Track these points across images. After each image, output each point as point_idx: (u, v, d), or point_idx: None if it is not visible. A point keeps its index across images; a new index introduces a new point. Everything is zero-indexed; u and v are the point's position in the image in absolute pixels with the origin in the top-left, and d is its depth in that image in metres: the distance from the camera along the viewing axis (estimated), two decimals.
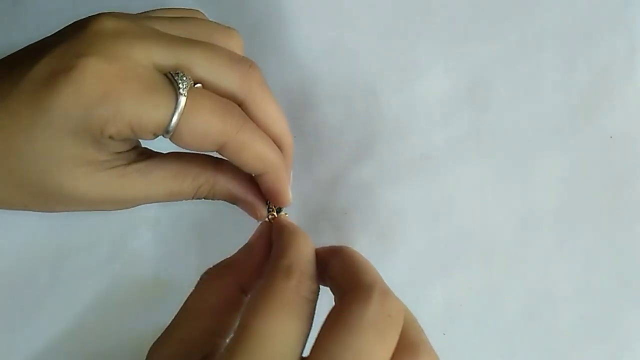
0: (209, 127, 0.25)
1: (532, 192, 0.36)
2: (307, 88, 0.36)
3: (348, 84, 0.36)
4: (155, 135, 0.25)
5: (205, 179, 0.29)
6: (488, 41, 0.37)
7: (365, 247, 0.35)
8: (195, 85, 0.26)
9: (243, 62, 0.27)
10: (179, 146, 0.26)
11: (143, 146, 0.29)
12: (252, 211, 0.30)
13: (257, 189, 0.30)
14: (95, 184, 0.26)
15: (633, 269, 0.35)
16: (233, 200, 0.30)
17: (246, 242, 0.29)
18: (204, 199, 0.30)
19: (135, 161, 0.27)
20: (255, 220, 0.31)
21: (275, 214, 0.30)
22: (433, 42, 0.37)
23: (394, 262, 0.35)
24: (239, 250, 0.28)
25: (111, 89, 0.24)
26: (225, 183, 0.29)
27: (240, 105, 0.27)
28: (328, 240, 0.35)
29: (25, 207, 0.27)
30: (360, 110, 0.36)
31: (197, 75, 0.26)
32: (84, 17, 0.27)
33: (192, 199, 0.29)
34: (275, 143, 0.29)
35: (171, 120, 0.24)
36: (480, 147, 0.36)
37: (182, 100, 0.24)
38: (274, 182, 0.29)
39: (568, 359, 0.35)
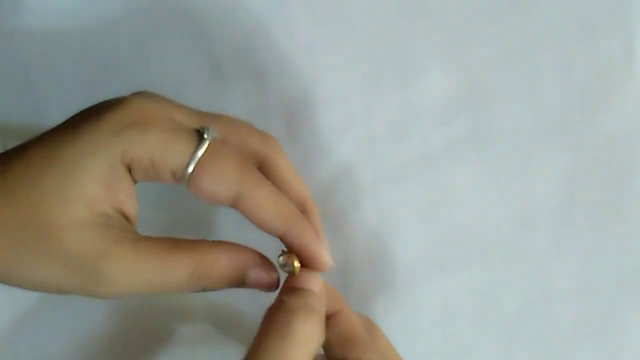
0: (227, 172, 0.26)
1: (530, 192, 0.36)
2: (306, 88, 0.36)
3: (347, 84, 0.36)
4: (174, 176, 0.26)
5: (206, 248, 0.26)
6: (486, 41, 0.37)
7: (364, 247, 0.35)
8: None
9: (265, 132, 0.29)
10: (194, 194, 0.26)
11: None
12: (265, 278, 0.27)
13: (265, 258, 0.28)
14: (88, 237, 0.25)
15: (631, 268, 0.35)
16: (242, 272, 0.26)
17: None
18: (204, 287, 0.26)
19: (131, 232, 0.26)
20: None
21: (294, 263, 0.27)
22: (432, 42, 0.37)
23: (393, 262, 0.35)
24: None
25: (145, 119, 0.25)
26: (227, 251, 0.26)
27: (261, 164, 0.28)
28: (328, 240, 0.35)
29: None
30: (360, 110, 0.36)
31: (221, 134, 0.27)
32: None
33: (190, 287, 0.26)
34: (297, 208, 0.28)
35: (193, 156, 0.25)
36: (479, 147, 0.36)
37: (206, 143, 0.25)
38: (302, 237, 0.27)
39: (566, 358, 0.35)
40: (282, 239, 0.27)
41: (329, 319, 0.27)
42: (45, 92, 0.35)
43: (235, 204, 0.26)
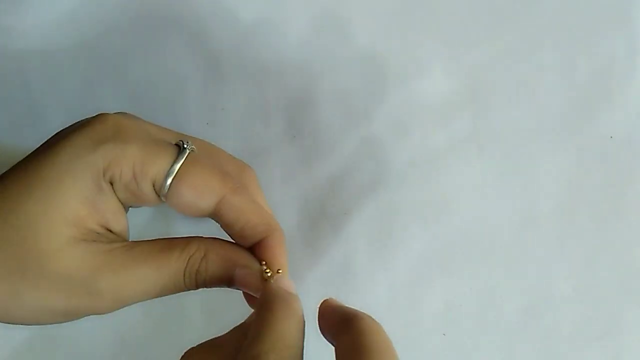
0: (208, 179, 0.26)
1: (532, 192, 0.36)
2: (306, 88, 0.36)
3: (348, 84, 0.36)
4: (154, 187, 0.25)
5: (196, 246, 0.26)
6: (488, 41, 0.37)
7: (365, 247, 0.35)
8: None
9: (242, 162, 0.29)
10: (175, 206, 0.26)
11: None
12: (252, 283, 0.26)
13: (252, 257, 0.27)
14: (79, 255, 0.25)
15: (633, 269, 0.35)
16: (230, 269, 0.26)
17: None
18: (196, 284, 0.26)
19: (120, 242, 0.26)
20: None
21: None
22: (433, 42, 0.37)
23: (394, 263, 0.35)
24: (230, 330, 0.25)
25: (123, 133, 0.25)
26: (218, 248, 0.26)
27: None
28: (328, 240, 0.35)
29: None
30: (360, 110, 0.36)
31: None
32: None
33: (184, 284, 0.26)
34: None
35: (173, 165, 0.25)
36: (480, 147, 0.36)
37: (186, 152, 0.26)
38: (277, 246, 0.27)
39: (568, 359, 0.35)
40: (256, 247, 0.27)
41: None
42: (42, 93, 0.35)
43: (216, 211, 0.26)
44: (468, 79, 0.36)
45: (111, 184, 0.25)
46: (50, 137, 0.27)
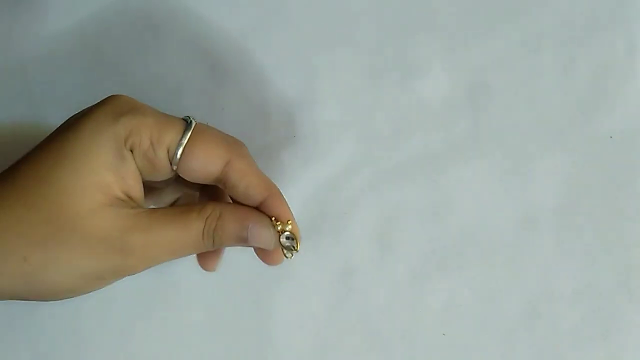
0: (216, 144, 0.28)
1: (532, 192, 0.36)
2: (306, 88, 0.36)
3: (347, 84, 0.36)
4: (169, 154, 0.28)
5: (211, 208, 0.29)
6: (488, 41, 0.37)
7: (365, 247, 0.35)
8: None
9: (234, 137, 0.31)
10: (185, 172, 0.28)
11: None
12: (265, 236, 0.29)
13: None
14: (110, 217, 0.27)
15: (633, 269, 0.35)
16: (243, 226, 0.29)
17: None
18: (214, 242, 0.29)
19: (141, 208, 0.28)
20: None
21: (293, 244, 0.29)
22: (433, 41, 0.37)
23: (394, 262, 0.35)
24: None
25: (138, 108, 0.28)
26: (232, 208, 0.29)
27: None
28: (328, 240, 0.35)
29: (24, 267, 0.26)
30: (360, 109, 0.36)
31: None
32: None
33: (204, 243, 0.28)
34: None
35: (185, 132, 0.28)
36: (480, 147, 0.36)
37: (194, 123, 0.28)
38: (281, 202, 0.29)
39: (568, 359, 0.35)
40: (263, 205, 0.29)
41: None
42: (42, 92, 0.36)
43: (222, 174, 0.28)
44: (468, 79, 0.36)
45: (131, 151, 0.27)
46: (69, 118, 0.28)
